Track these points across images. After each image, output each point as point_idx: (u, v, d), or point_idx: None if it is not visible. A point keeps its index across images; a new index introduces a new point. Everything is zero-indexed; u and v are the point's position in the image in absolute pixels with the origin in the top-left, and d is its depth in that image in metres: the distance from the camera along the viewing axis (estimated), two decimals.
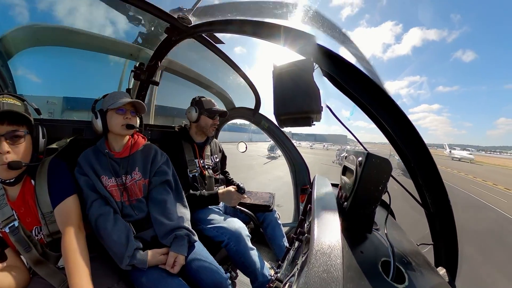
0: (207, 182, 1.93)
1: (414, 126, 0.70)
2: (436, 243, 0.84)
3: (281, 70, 0.73)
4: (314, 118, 0.74)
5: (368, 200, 0.71)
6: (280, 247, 2.02)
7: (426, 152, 0.72)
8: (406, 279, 0.55)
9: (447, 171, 27.64)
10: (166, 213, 1.34)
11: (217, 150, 2.24)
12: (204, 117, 1.94)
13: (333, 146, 78.28)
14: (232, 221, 1.66)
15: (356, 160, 0.74)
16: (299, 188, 2.82)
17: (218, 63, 2.28)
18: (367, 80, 0.70)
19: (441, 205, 0.78)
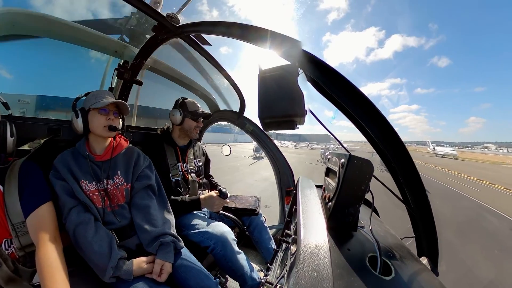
0: (191, 187, 1.89)
1: (393, 128, 0.74)
2: (417, 235, 0.89)
3: (266, 73, 0.74)
4: (298, 122, 0.76)
5: (352, 200, 0.74)
6: (268, 250, 2.03)
7: (404, 152, 0.76)
8: (392, 271, 0.58)
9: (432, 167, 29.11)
10: (150, 219, 1.29)
11: (200, 153, 2.21)
12: (188, 120, 1.91)
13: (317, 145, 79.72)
14: (217, 226, 1.64)
15: (338, 162, 0.78)
16: (283, 190, 2.85)
17: (204, 64, 2.26)
18: (349, 86, 0.73)
19: (420, 201, 0.83)
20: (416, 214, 0.86)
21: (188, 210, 1.75)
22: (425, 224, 0.84)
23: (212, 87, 2.85)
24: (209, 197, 1.75)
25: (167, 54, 2.28)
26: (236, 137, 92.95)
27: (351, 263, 0.60)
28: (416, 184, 0.80)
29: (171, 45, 1.90)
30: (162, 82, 2.54)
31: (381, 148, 0.83)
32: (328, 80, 0.75)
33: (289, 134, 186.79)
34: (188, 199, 1.74)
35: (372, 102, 0.73)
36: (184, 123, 1.91)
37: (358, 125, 0.91)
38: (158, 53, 1.86)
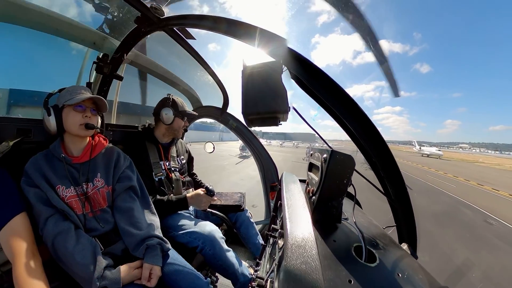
0: (174, 186, 1.84)
1: (374, 125, 0.77)
2: (398, 224, 0.95)
3: (250, 69, 0.75)
4: (281, 118, 0.77)
5: (335, 193, 0.78)
6: (256, 245, 2.05)
7: (385, 148, 0.80)
8: (377, 258, 0.62)
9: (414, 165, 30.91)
10: (134, 222, 1.24)
11: (183, 151, 2.17)
12: (177, 119, 1.87)
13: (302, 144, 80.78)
14: (204, 225, 1.63)
15: (321, 157, 0.81)
16: (268, 185, 2.90)
17: (187, 59, 2.19)
18: (332, 84, 0.75)
19: (400, 192, 0.88)
20: (396, 205, 0.91)
21: (174, 210, 1.72)
22: (405, 213, 0.89)
23: (195, 82, 2.80)
24: (196, 195, 1.74)
25: (150, 48, 2.19)
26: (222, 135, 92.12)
27: (338, 253, 0.62)
28: (396, 177, 0.84)
29: (154, 38, 1.81)
30: (144, 77, 2.45)
31: (363, 144, 0.86)
32: (311, 77, 0.76)
33: (274, 133, 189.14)
34: (174, 199, 1.70)
35: (354, 100, 0.75)
36: (174, 123, 1.86)
37: (340, 122, 0.94)
38: (140, 47, 1.81)
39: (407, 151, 75.55)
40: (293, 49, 0.75)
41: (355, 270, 0.56)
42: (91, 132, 1.28)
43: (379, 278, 0.55)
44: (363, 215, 0.99)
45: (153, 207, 1.40)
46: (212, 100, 2.92)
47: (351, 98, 0.76)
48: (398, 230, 0.94)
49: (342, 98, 0.76)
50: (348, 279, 0.52)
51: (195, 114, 2.00)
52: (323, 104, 0.89)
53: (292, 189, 0.97)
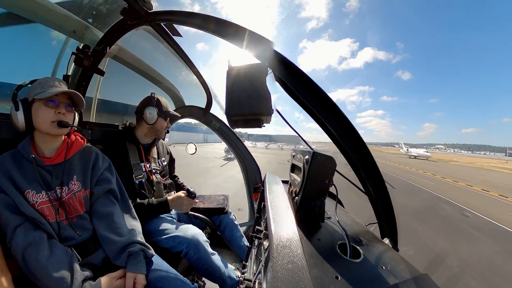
0: (156, 189, 1.79)
1: (355, 127, 0.80)
2: (379, 221, 0.98)
3: (236, 70, 0.75)
4: (265, 120, 0.78)
5: (317, 193, 0.81)
6: (241, 248, 2.04)
7: (365, 150, 0.83)
8: (361, 253, 0.65)
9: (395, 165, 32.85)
10: (114, 228, 1.15)
11: (164, 152, 2.10)
12: (161, 120, 1.81)
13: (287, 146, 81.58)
14: (188, 228, 1.59)
15: (303, 158, 0.83)
16: (251, 187, 2.90)
17: (172, 57, 2.13)
18: (315, 88, 0.77)
19: (380, 191, 0.91)
20: (377, 203, 0.94)
21: (155, 214, 1.67)
22: (386, 210, 0.93)
23: (179, 81, 2.73)
24: (177, 197, 1.69)
25: (134, 43, 2.08)
26: (207, 136, 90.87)
27: (323, 251, 0.64)
28: (376, 177, 0.88)
29: (140, 32, 1.72)
30: (126, 74, 2.30)
31: (344, 146, 0.89)
32: (295, 81, 0.78)
33: (259, 135, 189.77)
34: (155, 202, 1.64)
35: (335, 104, 0.78)
36: (157, 123, 1.80)
37: (322, 125, 0.97)
38: (124, 40, 1.68)
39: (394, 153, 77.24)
40: (279, 52, 0.76)
41: (341, 267, 0.58)
42: (64, 131, 1.15)
43: (364, 272, 0.58)
44: (346, 214, 1.02)
45: (134, 211, 1.33)
46: (195, 100, 2.87)
47: (333, 102, 0.78)
48: (380, 226, 0.98)
49: (324, 101, 0.78)
50: (335, 275, 0.54)
51: (178, 116, 1.96)
52: (306, 107, 0.91)
53: (275, 190, 0.98)
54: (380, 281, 0.54)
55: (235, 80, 0.75)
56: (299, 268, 0.48)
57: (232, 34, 0.86)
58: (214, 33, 0.93)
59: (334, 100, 0.78)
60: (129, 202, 1.35)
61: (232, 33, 0.86)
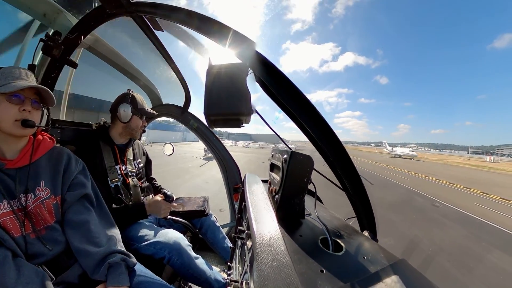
0: (132, 193, 1.69)
1: (331, 127, 0.83)
2: (358, 215, 1.04)
3: (216, 69, 0.74)
4: (244, 120, 0.78)
5: (296, 191, 0.83)
6: (225, 249, 2.02)
7: (341, 148, 0.87)
8: (343, 247, 0.68)
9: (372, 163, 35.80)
10: (91, 238, 1.03)
11: (140, 153, 2.01)
12: (136, 118, 1.72)
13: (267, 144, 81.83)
14: (168, 233, 1.54)
15: (281, 157, 0.86)
16: (231, 187, 2.88)
17: (151, 52, 2.02)
18: (293, 89, 0.79)
19: (357, 187, 0.96)
20: (354, 198, 0.99)
21: (132, 220, 1.60)
22: (363, 205, 0.98)
23: (157, 78, 2.62)
24: (154, 201, 1.64)
25: (112, 34, 1.93)
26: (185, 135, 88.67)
27: (306, 247, 0.66)
28: (352, 174, 0.92)
29: (119, 23, 1.58)
30: (101, 67, 2.13)
31: (320, 145, 0.92)
32: (275, 82, 0.79)
33: (240, 134, 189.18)
34: (131, 207, 1.58)
35: (313, 105, 0.80)
36: (132, 121, 1.70)
37: (300, 126, 1.00)
38: (100, 30, 1.55)
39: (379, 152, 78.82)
40: (260, 53, 0.76)
41: (325, 260, 0.61)
42: (29, 131, 1.01)
43: (347, 264, 0.61)
44: (325, 210, 1.06)
45: (111, 217, 1.23)
46: (171, 98, 2.78)
47: (310, 103, 0.80)
48: (359, 219, 1.03)
49: (302, 103, 0.80)
50: (319, 269, 0.56)
51: (155, 114, 1.87)
52: (284, 108, 0.93)
53: (255, 190, 1.00)
54: (363, 270, 0.58)
55: (215, 79, 0.74)
56: (284, 264, 0.50)
57: (215, 32, 0.84)
58: (197, 30, 0.90)
59: (313, 101, 0.81)
60: (106, 208, 1.24)
61: (216, 31, 0.84)
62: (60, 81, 1.56)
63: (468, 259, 5.56)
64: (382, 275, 0.54)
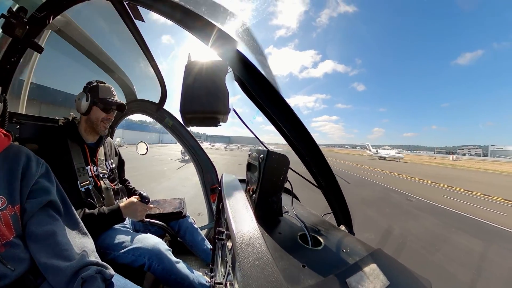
0: (105, 196, 1.57)
1: (307, 129, 0.86)
2: (334, 210, 1.08)
3: (195, 66, 0.72)
4: (221, 119, 0.78)
5: (274, 190, 0.84)
6: (205, 251, 1.98)
7: (316, 149, 0.91)
8: (322, 241, 0.70)
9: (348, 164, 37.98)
10: (59, 252, 0.89)
11: (112, 153, 1.86)
12: (96, 109, 1.54)
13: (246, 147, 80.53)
14: (146, 238, 1.45)
15: (258, 157, 0.86)
16: (208, 188, 2.81)
17: (129, 43, 1.86)
18: (273, 91, 0.80)
19: (331, 184, 1.00)
20: (330, 195, 1.04)
21: (108, 225, 1.48)
22: (338, 201, 1.02)
23: (133, 72, 2.44)
24: (130, 203, 1.53)
25: (87, 18, 1.72)
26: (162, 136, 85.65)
27: (286, 244, 0.67)
28: (327, 172, 0.96)
29: (96, 7, 1.44)
30: (72, 55, 1.89)
31: (297, 146, 0.95)
32: (254, 83, 0.79)
33: (218, 136, 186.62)
34: (107, 211, 1.44)
35: (291, 108, 0.82)
36: (91, 113, 1.53)
37: (277, 127, 1.01)
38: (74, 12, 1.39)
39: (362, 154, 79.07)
40: (242, 52, 0.75)
41: (305, 256, 0.62)
42: None
43: (327, 257, 0.63)
44: (302, 207, 1.09)
45: (83, 225, 1.07)
46: (147, 94, 2.63)
47: (288, 105, 0.82)
48: (335, 215, 1.07)
49: (280, 105, 0.82)
50: (301, 264, 0.57)
51: (118, 103, 1.60)
52: (262, 109, 0.93)
53: (232, 190, 1.00)
54: (343, 262, 0.60)
55: (193, 76, 0.72)
56: (266, 263, 0.50)
57: (199, 28, 0.80)
58: (180, 24, 0.84)
59: (291, 105, 0.82)
60: (76, 215, 1.08)
61: (199, 27, 0.80)
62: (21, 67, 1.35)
63: (440, 244, 6.49)
64: (361, 265, 0.57)
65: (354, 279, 0.52)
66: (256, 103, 0.92)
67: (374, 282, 0.52)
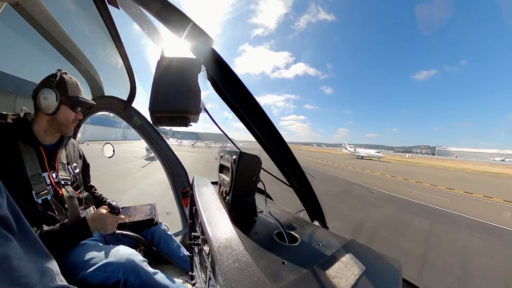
0: (68, 206, 1.34)
1: (278, 130, 0.88)
2: (306, 207, 1.11)
3: (168, 62, 0.68)
4: (192, 119, 0.74)
5: (247, 191, 0.85)
6: (182, 258, 1.88)
7: (287, 148, 0.93)
8: (298, 238, 0.72)
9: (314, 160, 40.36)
10: (16, 278, 0.73)
11: (76, 155, 1.60)
12: (65, 109, 1.32)
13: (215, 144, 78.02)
14: (118, 251, 1.28)
15: (230, 158, 0.85)
16: (179, 192, 2.63)
17: (99, 30, 1.63)
18: (244, 91, 0.79)
19: (302, 182, 1.04)
20: (301, 192, 1.07)
21: (74, 241, 1.26)
22: (310, 198, 1.06)
23: (101, 63, 2.14)
24: (98, 215, 1.33)
25: None
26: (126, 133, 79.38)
27: (263, 243, 0.67)
28: (297, 171, 0.99)
29: None
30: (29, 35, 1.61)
31: (267, 145, 0.96)
32: (227, 82, 0.78)
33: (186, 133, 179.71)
34: (70, 225, 1.23)
35: (261, 108, 0.82)
36: (59, 113, 1.30)
37: (248, 126, 1.00)
38: None
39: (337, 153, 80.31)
40: (216, 51, 0.73)
41: (284, 253, 0.63)
42: None
43: (305, 252, 0.65)
44: (276, 206, 1.10)
45: (42, 244, 0.88)
46: (115, 90, 2.37)
47: (259, 105, 0.82)
48: (308, 211, 1.11)
49: (251, 104, 0.81)
50: (281, 261, 0.58)
51: (92, 104, 1.45)
52: (234, 108, 0.93)
53: (205, 193, 0.98)
54: (320, 255, 0.63)
55: (165, 72, 0.67)
56: (246, 264, 0.50)
57: (174, 22, 0.75)
58: (156, 16, 0.79)
59: (262, 104, 0.82)
60: (33, 232, 0.87)
61: (175, 20, 0.75)
62: None
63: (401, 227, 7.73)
64: (338, 256, 0.61)
65: (333, 270, 0.55)
66: (228, 102, 0.91)
67: (352, 270, 0.55)
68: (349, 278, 0.53)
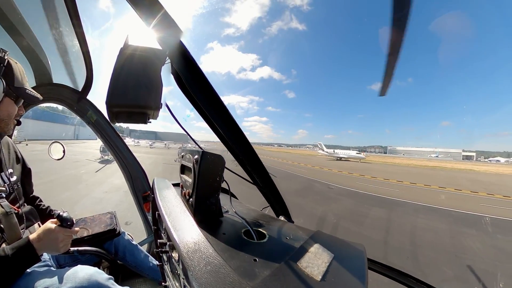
0: (4, 226, 1.06)
1: (241, 129, 0.88)
2: (271, 203, 1.13)
3: (131, 50, 0.61)
4: (151, 115, 0.69)
5: (211, 191, 0.82)
6: (152, 269, 1.72)
7: (250, 147, 0.93)
8: (266, 234, 0.73)
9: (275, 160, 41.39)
10: None
11: (12, 159, 1.28)
12: (8, 102, 1.07)
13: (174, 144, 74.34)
14: (76, 274, 1.09)
15: (192, 158, 0.81)
16: (140, 196, 2.41)
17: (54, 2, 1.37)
18: (209, 89, 0.76)
19: (265, 180, 1.05)
20: (265, 190, 1.08)
21: (16, 272, 1.00)
22: (273, 194, 1.08)
23: (51, 44, 1.75)
24: (45, 232, 1.05)
25: None
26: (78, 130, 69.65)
27: (232, 243, 0.66)
28: (260, 169, 1.01)
29: None
30: None
31: (231, 145, 0.95)
32: (191, 78, 0.74)
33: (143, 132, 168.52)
34: (10, 251, 0.95)
35: (225, 107, 0.81)
36: (1, 107, 1.05)
37: (211, 126, 0.98)
38: None
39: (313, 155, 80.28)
40: (184, 44, 0.68)
41: (254, 250, 0.62)
42: None
43: (275, 247, 0.66)
44: (241, 204, 1.09)
45: None
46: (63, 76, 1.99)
47: (224, 105, 0.80)
48: (273, 207, 1.13)
49: (216, 103, 0.79)
50: (252, 259, 0.57)
51: (39, 98, 1.21)
52: (197, 106, 0.89)
53: (167, 196, 0.93)
54: (290, 248, 0.64)
55: (128, 62, 0.60)
56: (218, 266, 0.48)
57: (144, 6, 0.66)
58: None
59: (226, 103, 0.81)
60: None
61: (146, 4, 0.66)
62: None
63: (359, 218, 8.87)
64: (306, 246, 0.63)
65: (304, 260, 0.57)
66: (191, 99, 0.86)
67: (322, 258, 0.58)
68: (320, 266, 0.55)
